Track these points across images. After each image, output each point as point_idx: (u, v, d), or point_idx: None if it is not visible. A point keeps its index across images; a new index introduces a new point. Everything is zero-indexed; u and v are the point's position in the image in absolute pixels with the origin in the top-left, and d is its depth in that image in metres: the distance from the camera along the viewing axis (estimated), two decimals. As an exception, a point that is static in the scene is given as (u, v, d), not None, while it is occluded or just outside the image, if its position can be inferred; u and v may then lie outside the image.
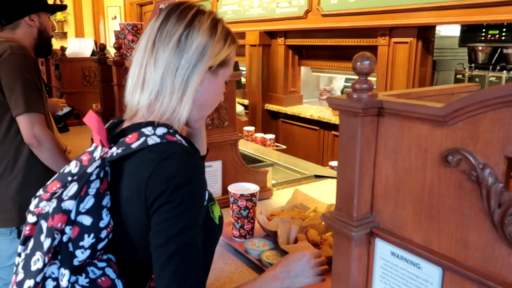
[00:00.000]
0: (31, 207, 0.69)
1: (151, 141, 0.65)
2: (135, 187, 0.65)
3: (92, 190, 0.64)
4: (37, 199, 0.69)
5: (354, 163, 0.61)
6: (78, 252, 0.63)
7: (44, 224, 0.63)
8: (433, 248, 0.56)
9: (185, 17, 0.70)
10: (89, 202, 0.64)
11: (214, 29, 0.71)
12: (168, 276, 0.60)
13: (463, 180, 0.50)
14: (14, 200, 1.40)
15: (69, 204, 0.62)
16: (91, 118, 0.70)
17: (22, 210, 1.41)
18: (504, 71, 2.11)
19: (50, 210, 0.63)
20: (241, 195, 1.04)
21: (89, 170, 0.64)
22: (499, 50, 2.15)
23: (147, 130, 0.67)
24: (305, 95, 3.66)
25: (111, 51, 2.66)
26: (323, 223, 1.07)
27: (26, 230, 0.69)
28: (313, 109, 3.36)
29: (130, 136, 0.67)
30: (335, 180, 1.57)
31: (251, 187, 1.08)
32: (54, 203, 0.63)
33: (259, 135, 2.12)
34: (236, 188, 1.08)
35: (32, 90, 1.32)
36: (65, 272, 0.61)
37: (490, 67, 2.19)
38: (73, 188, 0.63)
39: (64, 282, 0.61)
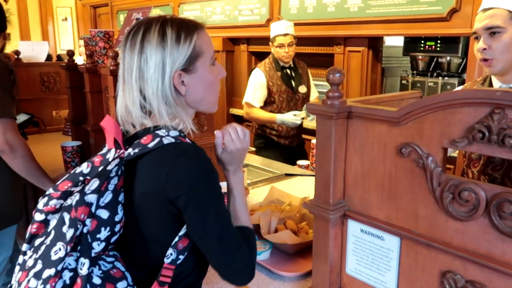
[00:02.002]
0: (40, 205, 0.73)
1: (167, 140, 0.72)
2: (152, 181, 0.70)
3: (111, 186, 0.70)
4: (46, 198, 0.73)
5: (330, 158, 0.75)
6: (95, 244, 0.69)
7: (66, 216, 0.68)
8: (393, 222, 0.70)
9: (135, 45, 0.73)
10: (108, 197, 0.70)
11: (163, 39, 0.72)
12: (224, 252, 0.70)
13: (413, 167, 0.65)
14: None
15: (91, 197, 0.68)
16: (109, 122, 0.75)
17: None
18: (440, 77, 2.42)
19: (73, 203, 0.68)
20: (225, 193, 1.13)
21: (109, 167, 0.70)
22: (435, 59, 2.46)
23: (161, 132, 0.73)
24: (267, 99, 3.82)
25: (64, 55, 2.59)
26: (297, 214, 1.20)
27: (33, 228, 0.73)
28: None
29: (145, 138, 0.73)
30: (304, 178, 1.72)
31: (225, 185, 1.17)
32: (77, 196, 0.68)
33: (229, 138, 2.21)
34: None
35: (5, 95, 1.28)
36: (85, 261, 0.66)
37: (429, 74, 2.49)
38: (94, 183, 0.69)
39: (84, 270, 0.66)
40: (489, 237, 0.57)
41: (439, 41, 2.33)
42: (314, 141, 1.75)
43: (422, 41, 2.40)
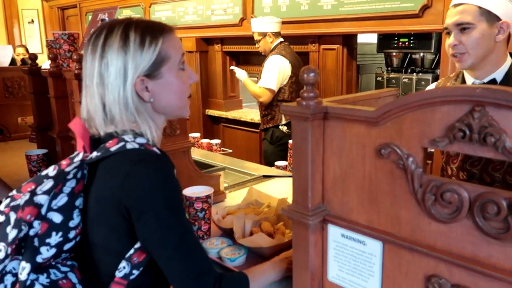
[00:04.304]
0: (1, 207, 0.68)
1: (130, 146, 0.69)
2: (109, 186, 0.67)
3: (66, 189, 0.66)
4: (8, 199, 0.68)
5: (307, 161, 0.71)
6: (43, 249, 0.64)
7: (13, 216, 0.63)
8: (374, 226, 0.67)
9: (96, 49, 0.70)
10: (62, 200, 0.66)
11: (126, 43, 0.69)
12: (183, 255, 0.66)
13: (394, 168, 0.62)
14: None
15: (41, 199, 0.64)
16: (76, 124, 0.71)
17: None
18: (414, 74, 2.46)
19: (22, 203, 0.64)
20: (197, 198, 1.06)
21: (67, 169, 0.67)
22: (409, 55, 2.49)
23: (128, 137, 0.70)
24: (245, 99, 3.78)
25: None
26: (274, 215, 1.15)
27: None
28: (253, 112, 3.49)
29: (110, 141, 0.70)
30: (282, 179, 1.69)
31: (205, 189, 1.11)
32: (27, 196, 0.64)
33: (205, 141, 2.16)
34: (191, 192, 1.09)
35: None
36: (26, 266, 0.62)
37: (403, 70, 2.52)
38: (48, 184, 0.65)
39: (23, 275, 0.61)
40: (474, 239, 0.55)
41: (412, 38, 2.36)
42: (291, 141, 1.72)
43: (396, 38, 2.43)
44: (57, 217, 0.66)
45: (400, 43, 2.42)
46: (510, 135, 0.50)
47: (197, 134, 2.22)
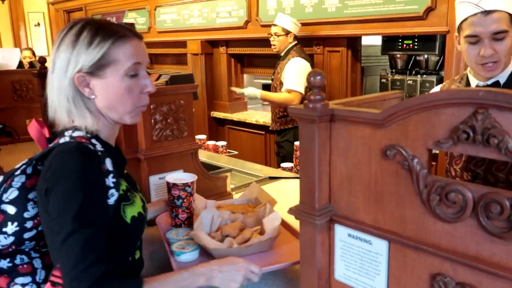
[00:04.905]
0: None
1: (62, 140, 0.75)
2: (40, 178, 0.73)
3: (16, 184, 0.73)
4: None
5: (314, 162, 0.73)
6: (0, 237, 0.71)
7: None
8: (380, 226, 0.69)
9: (56, 42, 0.78)
10: (12, 193, 0.73)
11: (76, 40, 0.75)
12: (65, 257, 0.66)
13: (399, 169, 0.64)
14: None
15: None
16: (32, 127, 0.79)
17: None
18: (418, 75, 2.47)
19: None
20: (173, 184, 1.02)
21: (17, 166, 0.74)
22: (413, 57, 2.50)
23: (67, 132, 0.77)
24: (249, 102, 3.80)
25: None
26: (253, 217, 1.05)
27: None
28: (258, 114, 3.51)
29: (56, 139, 0.77)
30: (288, 180, 1.71)
31: (189, 177, 1.06)
32: None
33: (211, 142, 2.18)
34: (174, 178, 1.05)
35: None
36: None
37: (408, 72, 2.53)
38: None
39: None
40: (478, 238, 0.57)
41: (416, 40, 2.37)
42: (297, 142, 1.74)
43: (400, 40, 2.44)
44: (10, 209, 0.72)
45: (405, 45, 2.43)
46: (512, 136, 0.51)
47: (203, 136, 2.25)
